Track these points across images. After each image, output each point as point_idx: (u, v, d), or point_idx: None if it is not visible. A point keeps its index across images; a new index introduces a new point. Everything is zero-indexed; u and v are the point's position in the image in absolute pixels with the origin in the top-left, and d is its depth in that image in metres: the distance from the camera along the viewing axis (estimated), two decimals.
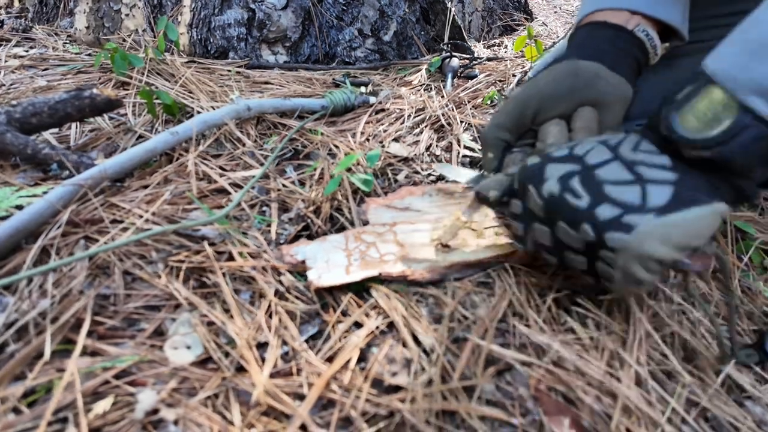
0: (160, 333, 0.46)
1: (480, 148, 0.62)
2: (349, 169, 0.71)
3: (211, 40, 1.10)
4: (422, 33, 1.24)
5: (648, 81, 0.68)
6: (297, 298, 0.50)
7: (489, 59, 1.17)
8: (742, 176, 0.42)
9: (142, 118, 0.78)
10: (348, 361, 0.42)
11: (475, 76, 1.06)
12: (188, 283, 0.50)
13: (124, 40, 1.17)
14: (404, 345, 0.44)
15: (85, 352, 0.42)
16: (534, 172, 0.47)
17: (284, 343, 0.45)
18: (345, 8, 1.13)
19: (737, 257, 0.62)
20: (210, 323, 0.47)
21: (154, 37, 1.15)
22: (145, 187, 0.62)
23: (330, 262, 0.54)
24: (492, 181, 0.52)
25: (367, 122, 0.87)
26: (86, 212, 0.56)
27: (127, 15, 1.17)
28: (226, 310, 0.48)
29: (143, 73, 0.90)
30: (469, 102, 0.95)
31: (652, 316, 0.50)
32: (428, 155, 0.80)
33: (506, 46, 1.42)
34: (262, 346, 0.45)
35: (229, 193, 0.65)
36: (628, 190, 0.42)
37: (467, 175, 0.63)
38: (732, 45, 0.43)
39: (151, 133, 0.75)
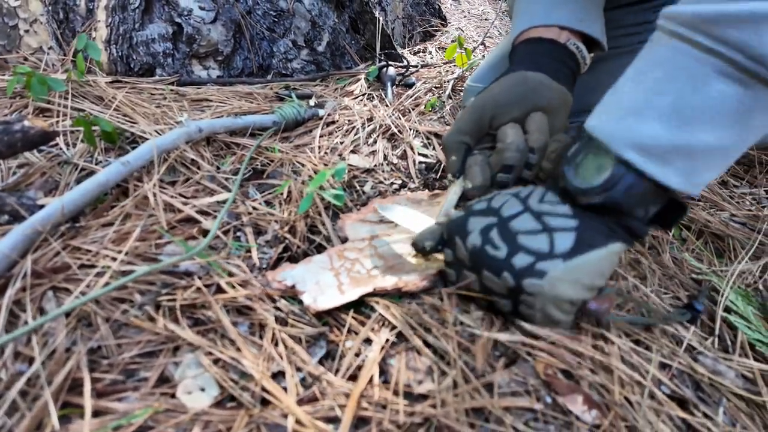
0: (165, 380, 0.43)
1: (441, 152, 0.66)
2: (320, 186, 0.71)
3: (134, 57, 1.02)
4: (353, 42, 1.26)
5: (576, 83, 0.77)
6: (298, 322, 0.50)
7: (422, 66, 1.22)
8: (630, 217, 0.49)
9: (78, 148, 0.72)
10: (372, 377, 0.43)
11: (413, 84, 1.10)
12: (183, 323, 0.48)
13: (25, 59, 1.05)
14: (419, 353, 0.46)
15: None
16: (459, 226, 0.52)
17: (298, 369, 0.45)
18: (276, 20, 1.12)
19: (664, 232, 0.73)
20: (217, 360, 0.45)
21: (64, 55, 1.05)
22: (107, 225, 0.57)
23: (320, 283, 0.54)
24: (427, 231, 0.57)
25: (321, 135, 0.87)
26: (46, 260, 0.51)
27: (27, 31, 1.05)
28: (232, 344, 0.46)
29: (66, 98, 0.82)
30: (413, 110, 0.99)
31: (616, 295, 0.57)
32: (387, 164, 0.83)
33: (430, 52, 1.49)
34: (276, 376, 0.45)
35: (198, 222, 0.62)
36: (538, 239, 0.48)
37: (413, 217, 0.63)
38: (608, 108, 0.50)
39: (92, 164, 0.69)
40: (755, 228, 0.77)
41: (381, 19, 1.28)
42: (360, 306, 0.53)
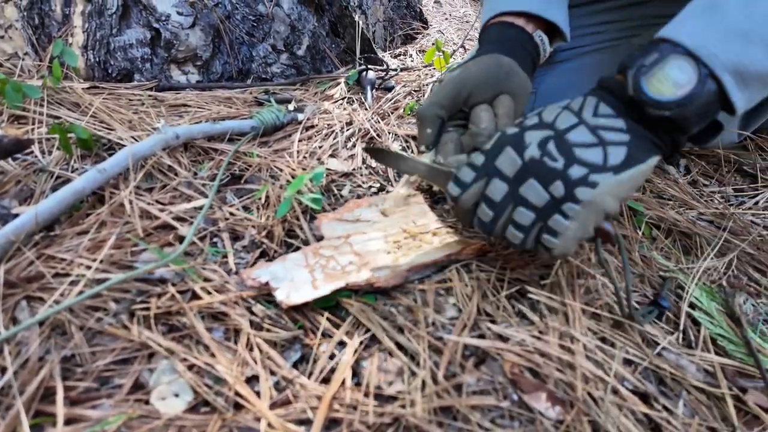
0: (139, 386, 0.44)
1: (417, 124, 0.68)
2: (298, 190, 0.72)
3: (112, 63, 1.02)
4: (333, 46, 1.26)
5: (545, 82, 0.79)
6: (273, 326, 0.51)
7: (402, 69, 1.23)
8: (685, 132, 0.51)
9: (54, 155, 0.72)
10: (344, 380, 0.44)
11: (393, 88, 1.12)
12: (157, 329, 0.48)
13: (0, 65, 1.04)
14: (391, 354, 0.47)
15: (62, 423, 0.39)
16: (515, 138, 0.53)
17: (272, 373, 0.46)
18: (255, 24, 1.12)
19: (635, 231, 0.75)
20: (192, 366, 0.46)
21: (40, 61, 1.04)
22: (82, 233, 0.58)
23: (294, 279, 0.55)
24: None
25: (300, 140, 0.88)
26: (20, 269, 0.51)
27: (1, 37, 1.04)
28: (206, 350, 0.47)
29: (41, 105, 0.82)
30: (392, 113, 1.00)
31: (584, 293, 0.59)
32: (366, 168, 0.84)
33: (410, 55, 1.50)
34: (251, 380, 0.45)
35: (174, 229, 0.63)
36: (593, 152, 0.49)
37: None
38: (714, 29, 0.49)
39: (68, 172, 0.69)
40: (721, 226, 0.79)
41: (361, 22, 1.29)
42: (335, 309, 0.54)
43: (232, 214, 0.67)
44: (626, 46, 0.77)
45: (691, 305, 0.62)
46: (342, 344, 0.49)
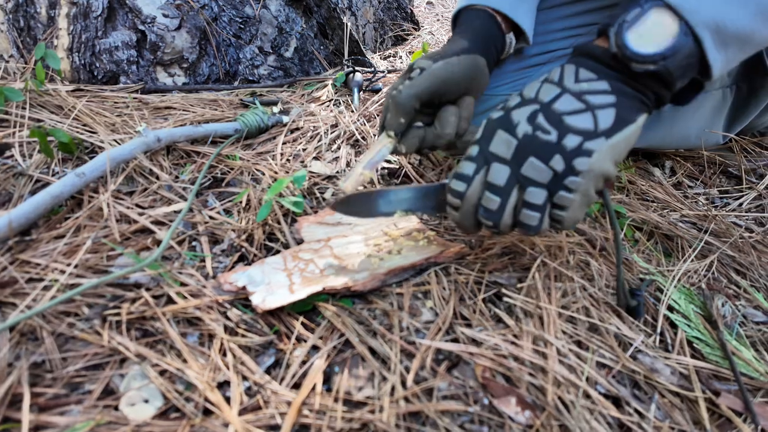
0: (110, 392, 0.44)
1: (389, 111, 0.67)
2: (279, 193, 0.72)
3: (98, 65, 1.02)
4: (321, 48, 1.26)
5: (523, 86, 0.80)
6: (248, 331, 0.51)
7: (390, 71, 1.23)
8: (669, 87, 0.51)
9: (35, 158, 0.71)
10: (315, 385, 0.44)
11: (380, 90, 1.12)
12: (130, 334, 0.48)
13: None
14: (363, 359, 0.47)
15: (29, 429, 0.39)
16: (502, 121, 0.52)
17: (244, 378, 0.46)
18: (242, 26, 1.12)
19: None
20: (163, 372, 0.46)
21: (25, 63, 1.04)
22: (59, 237, 0.58)
23: (271, 283, 0.55)
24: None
25: (284, 142, 0.88)
26: None
27: None
28: (179, 356, 0.47)
29: (24, 108, 0.81)
30: (378, 115, 1.00)
31: (561, 296, 0.59)
32: (349, 170, 0.84)
33: (400, 57, 1.50)
34: (222, 386, 0.45)
35: (153, 233, 0.63)
36: (582, 118, 0.49)
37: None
38: None
39: (48, 176, 0.69)
40: (703, 228, 0.79)
41: (349, 24, 1.29)
42: (311, 313, 0.54)
43: (211, 217, 0.67)
44: None
45: (670, 308, 0.62)
46: (316, 349, 0.49)
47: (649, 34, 0.48)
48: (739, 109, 0.88)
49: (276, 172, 0.77)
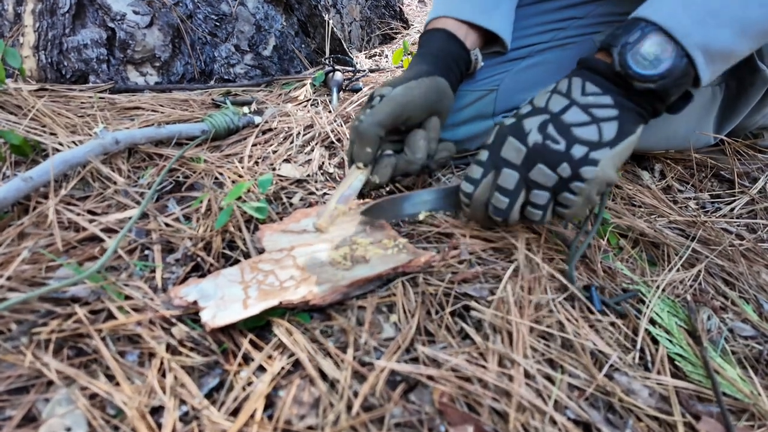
0: (31, 418, 0.40)
1: (355, 142, 0.66)
2: (239, 198, 0.68)
3: (66, 64, 0.98)
4: (303, 46, 1.23)
5: (504, 82, 0.76)
6: (192, 350, 0.47)
7: (371, 71, 1.20)
8: (665, 101, 0.56)
9: None
10: (254, 412, 0.40)
11: (360, 89, 1.08)
12: (61, 354, 0.45)
13: None
14: (312, 383, 0.43)
15: None
16: (515, 128, 0.57)
17: (183, 402, 0.42)
18: (218, 24, 1.08)
19: (600, 240, 0.71)
20: (93, 396, 0.42)
21: None
22: None
23: (225, 297, 0.51)
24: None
25: (254, 144, 0.84)
26: None
27: None
28: (111, 378, 0.43)
29: None
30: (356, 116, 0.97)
31: (534, 310, 0.55)
32: (322, 174, 0.80)
33: (387, 56, 1.46)
34: (157, 411, 0.42)
35: (102, 241, 0.59)
36: (588, 130, 0.54)
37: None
38: (687, 10, 0.53)
39: None
40: (691, 235, 0.76)
41: (332, 22, 1.25)
42: (264, 329, 0.50)
43: (167, 224, 0.63)
44: (589, 43, 0.74)
45: (652, 321, 0.58)
46: (263, 370, 0.45)
47: (649, 57, 0.53)
48: (729, 108, 0.84)
49: (241, 176, 0.73)
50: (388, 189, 0.76)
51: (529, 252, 0.62)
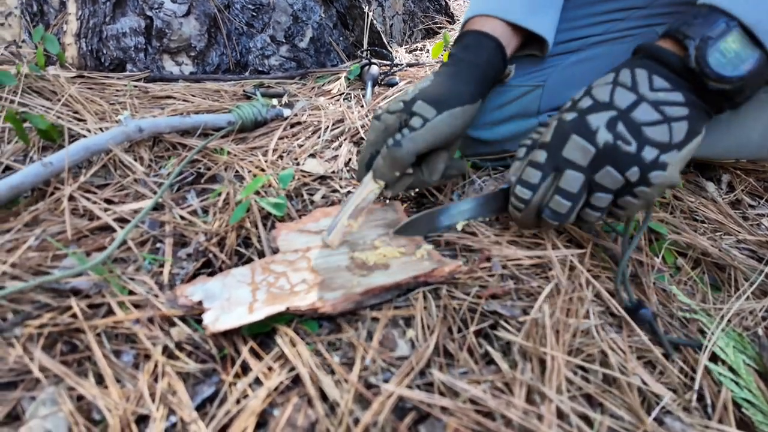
0: (15, 417, 0.38)
1: (384, 161, 0.59)
2: (257, 193, 0.65)
3: (105, 52, 0.99)
4: (341, 39, 1.19)
5: (552, 77, 0.69)
6: (190, 354, 0.44)
7: (410, 65, 1.14)
8: (733, 101, 0.50)
9: (12, 146, 0.68)
10: (245, 430, 0.36)
11: (396, 84, 1.03)
12: (54, 350, 0.42)
13: None
14: (310, 404, 0.39)
15: None
16: (578, 124, 0.51)
17: (172, 412, 0.39)
18: (255, 14, 1.06)
19: (653, 257, 0.63)
20: (80, 398, 0.39)
21: (36, 48, 1.02)
22: (6, 231, 0.53)
23: (231, 299, 0.47)
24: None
25: (280, 137, 0.81)
26: None
27: (1, 24, 1.03)
28: (101, 380, 0.40)
29: (15, 93, 0.78)
30: None
31: (572, 336, 0.48)
32: (348, 171, 0.75)
33: (428, 51, 1.40)
34: (144, 420, 0.38)
35: (115, 231, 0.57)
36: (659, 130, 0.49)
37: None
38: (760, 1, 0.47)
39: (23, 164, 0.65)
40: (765, 258, 0.66)
41: (372, 15, 1.21)
42: (267, 337, 0.46)
43: (182, 217, 0.61)
44: (650, 35, 0.65)
45: (713, 357, 0.50)
46: (260, 383, 0.41)
47: (729, 55, 0.47)
48: None
49: (263, 170, 0.70)
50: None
51: (572, 270, 0.55)
